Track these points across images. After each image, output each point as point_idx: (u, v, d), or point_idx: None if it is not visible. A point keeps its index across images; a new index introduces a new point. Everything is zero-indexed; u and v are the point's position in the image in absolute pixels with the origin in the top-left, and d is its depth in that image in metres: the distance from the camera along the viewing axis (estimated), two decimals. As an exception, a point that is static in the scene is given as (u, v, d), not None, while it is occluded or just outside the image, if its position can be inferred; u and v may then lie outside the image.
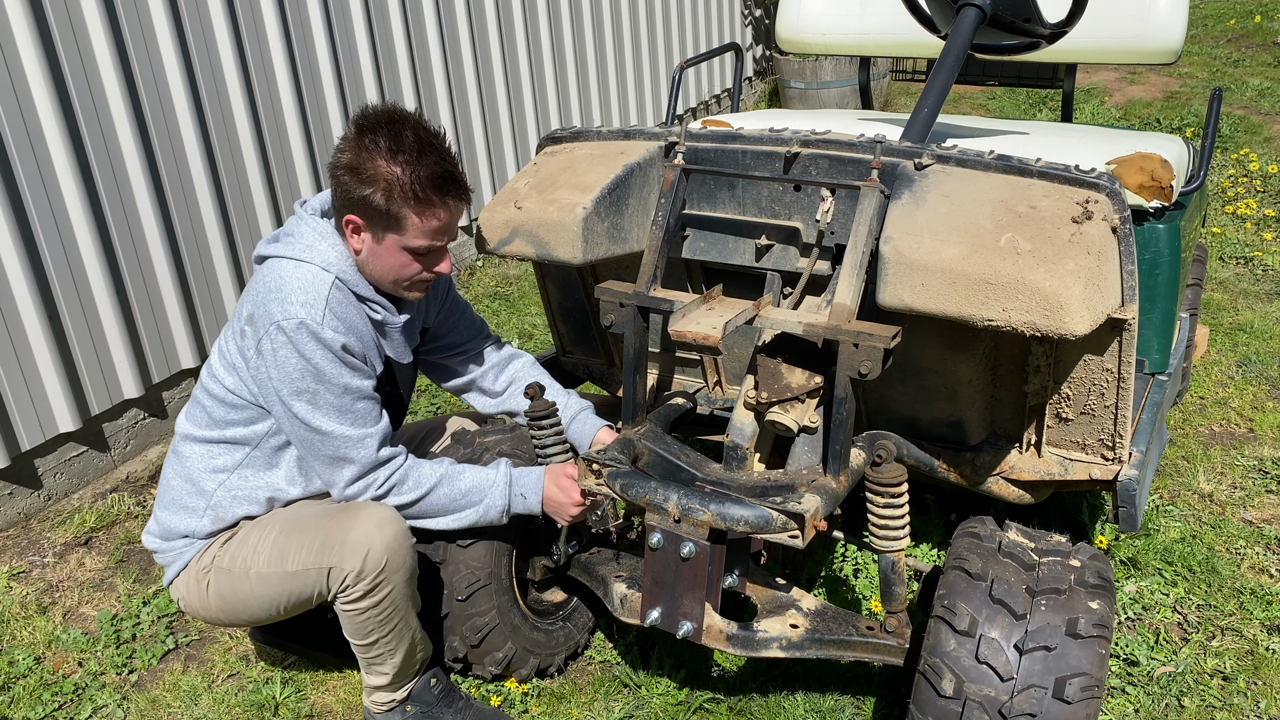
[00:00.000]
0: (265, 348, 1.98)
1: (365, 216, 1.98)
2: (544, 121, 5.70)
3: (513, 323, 4.64)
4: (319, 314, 1.97)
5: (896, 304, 1.86)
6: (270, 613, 2.16)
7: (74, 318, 3.37)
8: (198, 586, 2.17)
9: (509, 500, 2.19)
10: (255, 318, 2.00)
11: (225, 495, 2.15)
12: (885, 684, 2.44)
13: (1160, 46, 3.04)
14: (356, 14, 4.36)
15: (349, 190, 1.96)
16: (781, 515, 1.87)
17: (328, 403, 2.01)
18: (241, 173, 3.93)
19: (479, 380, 2.46)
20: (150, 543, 2.24)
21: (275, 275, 2.01)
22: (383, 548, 2.01)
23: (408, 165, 1.92)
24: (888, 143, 2.05)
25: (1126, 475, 2.19)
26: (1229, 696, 2.37)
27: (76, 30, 3.27)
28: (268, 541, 2.10)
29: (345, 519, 2.04)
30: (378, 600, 2.05)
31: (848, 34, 3.51)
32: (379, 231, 1.99)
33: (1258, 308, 4.32)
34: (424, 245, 2.01)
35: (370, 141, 1.92)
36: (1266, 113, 7.08)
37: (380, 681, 2.21)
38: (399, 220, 1.96)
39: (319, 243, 2.04)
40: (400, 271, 2.05)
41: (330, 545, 2.02)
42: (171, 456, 2.21)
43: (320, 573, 2.04)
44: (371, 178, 1.92)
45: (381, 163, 1.92)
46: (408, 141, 1.93)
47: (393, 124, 1.94)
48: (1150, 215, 2.44)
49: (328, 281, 2.00)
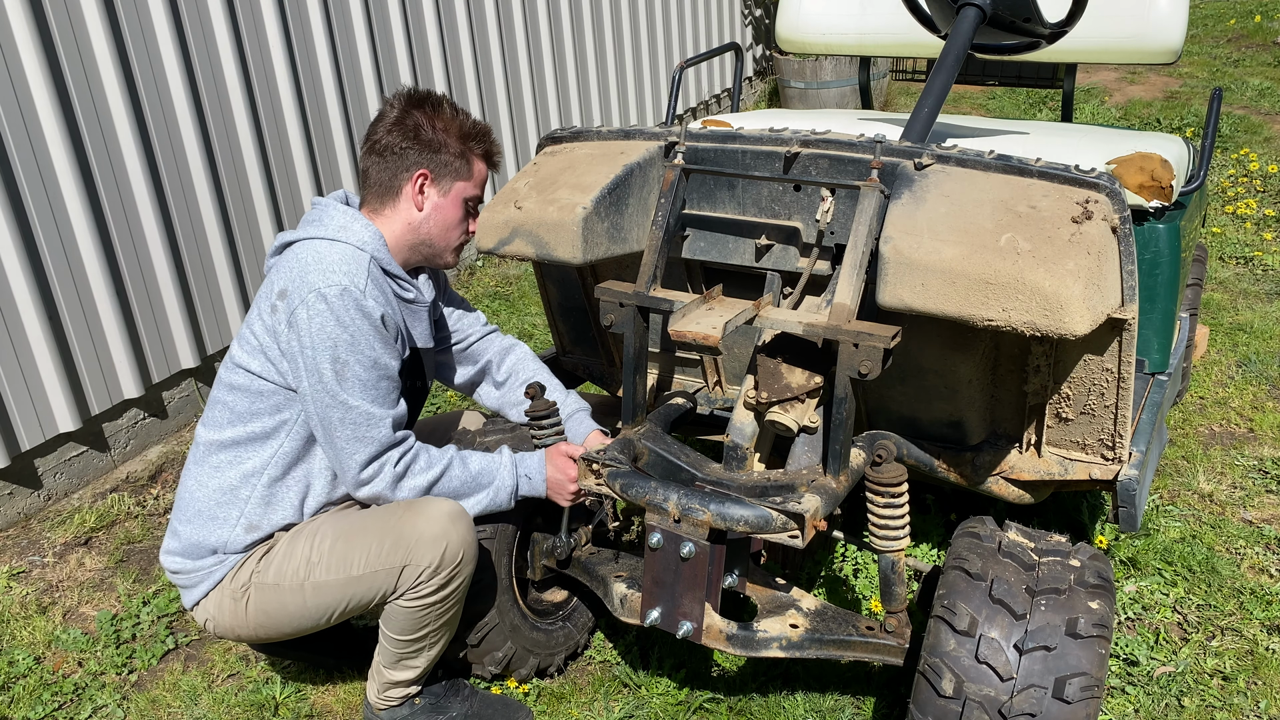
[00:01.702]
0: (300, 316, 1.98)
1: (436, 169, 2.14)
2: (544, 121, 5.70)
3: (513, 323, 4.65)
4: (361, 282, 2.02)
5: (896, 304, 1.86)
6: (319, 623, 2.12)
7: (74, 318, 3.37)
8: (234, 605, 2.11)
9: (516, 480, 2.21)
10: (289, 290, 2.01)
11: (258, 502, 2.11)
12: (885, 684, 2.44)
13: (1160, 46, 3.04)
14: (356, 14, 4.36)
15: (428, 142, 2.13)
16: (781, 515, 1.86)
17: (355, 375, 2.02)
18: (241, 173, 3.93)
19: (485, 371, 2.50)
20: (172, 563, 2.15)
21: (311, 251, 2.04)
22: (459, 540, 2.04)
23: (464, 122, 2.18)
24: (888, 143, 2.05)
25: (1126, 475, 2.19)
26: (1229, 696, 2.37)
27: (76, 30, 3.27)
28: (323, 550, 2.07)
29: (413, 516, 2.05)
30: (446, 594, 2.07)
31: (848, 34, 3.51)
32: (448, 181, 2.16)
33: (1258, 308, 4.32)
34: (477, 194, 2.22)
35: (432, 105, 2.15)
36: (1266, 113, 7.08)
37: (407, 676, 2.21)
38: (470, 167, 2.18)
39: (352, 224, 2.09)
40: (457, 225, 2.21)
41: (403, 543, 2.02)
42: (194, 468, 2.15)
43: (391, 573, 2.03)
44: (444, 131, 2.13)
45: (447, 118, 2.15)
46: (454, 106, 2.20)
47: (434, 97, 2.18)
48: (1150, 215, 2.44)
49: (365, 258, 2.07)
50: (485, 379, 2.52)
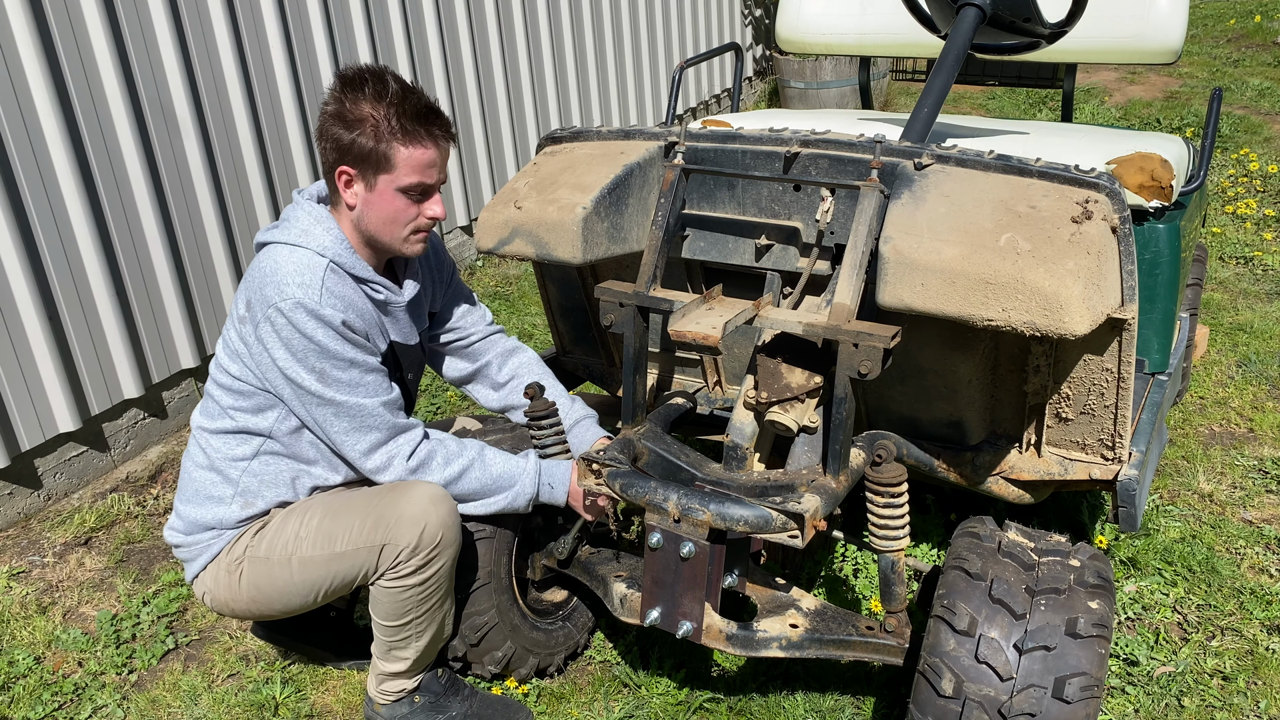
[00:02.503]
0: (265, 332, 2.00)
1: (356, 163, 2.01)
2: (544, 121, 5.70)
3: (513, 323, 4.65)
4: (315, 293, 2.00)
5: (896, 304, 1.86)
6: (307, 600, 2.15)
7: (74, 318, 3.37)
8: (228, 579, 2.16)
9: (537, 489, 2.22)
10: (252, 304, 2.03)
11: (252, 480, 2.15)
12: (885, 684, 2.44)
13: (1160, 46, 3.04)
14: (356, 14, 4.36)
15: (338, 139, 2.00)
16: (781, 515, 1.86)
17: (336, 378, 2.03)
18: (241, 173, 3.93)
19: (483, 371, 2.49)
20: (173, 538, 2.22)
21: (270, 261, 2.04)
22: (438, 522, 2.04)
23: (392, 104, 1.98)
24: (887, 143, 2.05)
25: (1126, 475, 2.19)
26: (1229, 696, 2.37)
27: (76, 30, 3.27)
28: (310, 526, 2.11)
29: (397, 497, 2.06)
30: (426, 577, 2.07)
31: (848, 34, 3.51)
32: (370, 176, 2.02)
33: (1258, 308, 4.32)
34: (415, 182, 2.03)
35: (353, 91, 1.99)
36: (1266, 113, 7.08)
37: (398, 668, 2.21)
38: (388, 158, 2.00)
39: (314, 227, 2.07)
40: (397, 217, 2.07)
41: (383, 522, 2.04)
42: (192, 449, 2.21)
43: (372, 551, 2.05)
44: (358, 119, 1.97)
45: (366, 105, 1.98)
46: (390, 86, 1.99)
47: (373, 73, 2.00)
48: (1150, 215, 2.44)
49: (322, 265, 2.03)
50: (484, 378, 2.51)
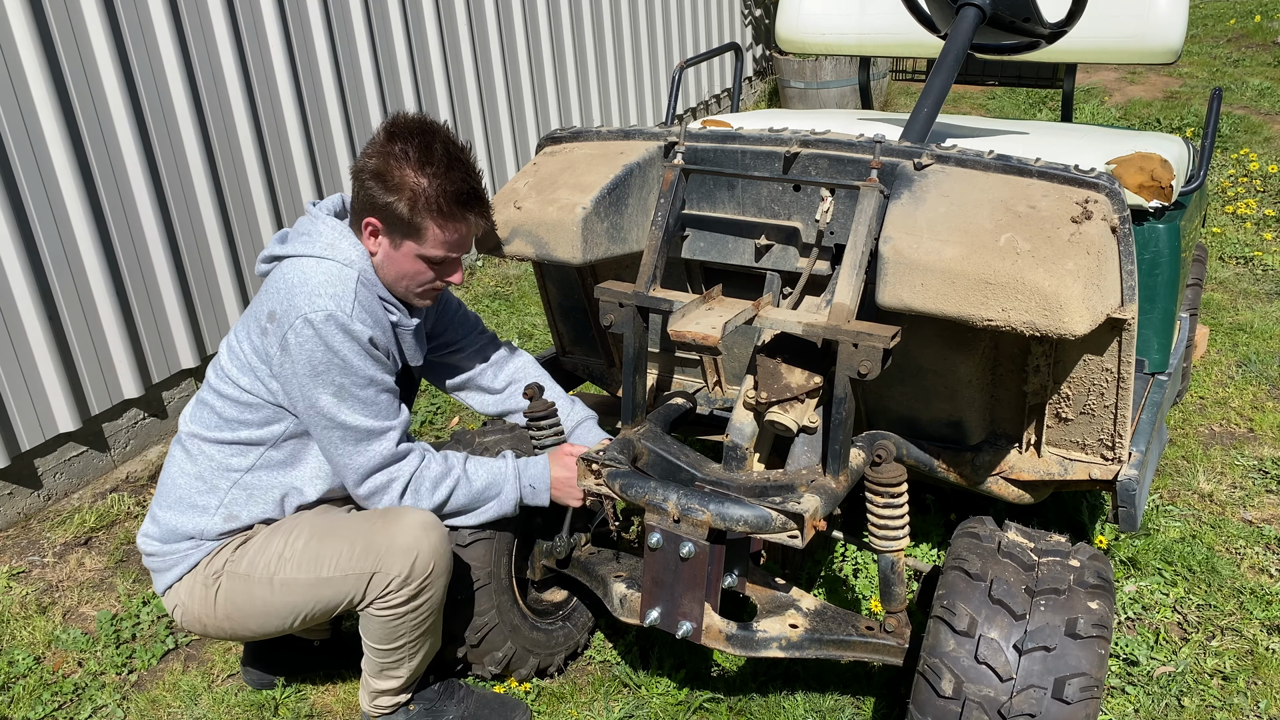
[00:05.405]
0: (291, 341, 1.97)
1: (386, 222, 2.01)
2: (544, 121, 5.70)
3: (513, 323, 4.64)
4: (348, 306, 1.98)
5: (896, 304, 1.86)
6: (284, 623, 2.11)
7: (74, 318, 3.37)
8: (204, 592, 2.10)
9: (520, 493, 2.21)
10: (278, 314, 1.99)
11: (240, 494, 2.11)
12: (885, 684, 2.44)
13: (1160, 46, 3.03)
14: (356, 14, 4.36)
15: (373, 196, 1.98)
16: (781, 515, 1.86)
17: (353, 395, 2.01)
18: (241, 173, 3.93)
19: (478, 378, 2.46)
20: (147, 545, 2.15)
21: (298, 271, 2.01)
22: (430, 551, 2.02)
23: (435, 178, 1.95)
24: (887, 143, 2.05)
25: (1126, 475, 2.19)
26: (1229, 696, 2.37)
27: (76, 30, 3.27)
28: (296, 547, 2.06)
29: (387, 524, 2.03)
30: (418, 605, 2.05)
31: (848, 34, 3.51)
32: (398, 238, 2.02)
33: (1258, 308, 4.32)
34: (440, 255, 2.04)
35: (400, 150, 1.95)
36: (1266, 113, 7.07)
37: (391, 685, 2.20)
38: (419, 230, 2.00)
39: (340, 241, 2.05)
40: (414, 278, 2.08)
41: (373, 550, 2.01)
42: (178, 454, 2.15)
43: (360, 579, 2.02)
44: (398, 186, 1.95)
45: (409, 172, 1.95)
46: (436, 154, 1.95)
47: (423, 134, 1.97)
48: (1150, 215, 2.44)
49: (353, 277, 2.02)
50: (479, 385, 2.48)
